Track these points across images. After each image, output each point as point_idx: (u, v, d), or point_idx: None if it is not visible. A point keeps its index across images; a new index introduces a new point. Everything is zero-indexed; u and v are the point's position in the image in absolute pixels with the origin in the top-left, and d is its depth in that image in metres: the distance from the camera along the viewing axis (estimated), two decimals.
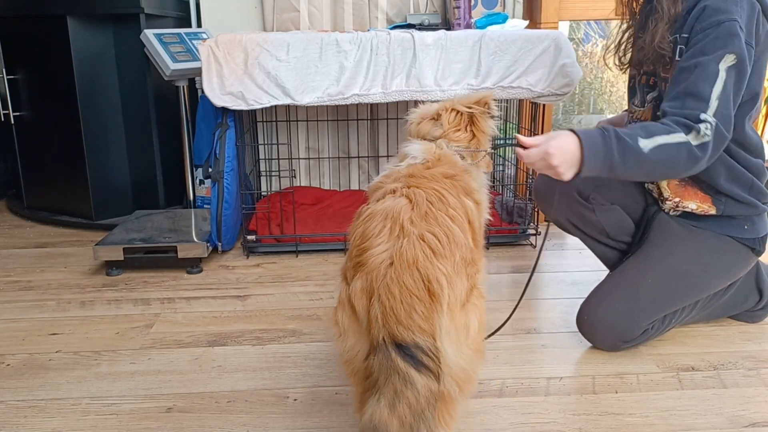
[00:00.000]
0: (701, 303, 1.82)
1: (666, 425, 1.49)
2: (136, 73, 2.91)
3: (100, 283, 2.35)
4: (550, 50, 2.40)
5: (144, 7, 2.77)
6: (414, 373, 1.06)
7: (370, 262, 1.13)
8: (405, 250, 1.11)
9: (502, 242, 2.73)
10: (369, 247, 1.15)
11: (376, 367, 1.09)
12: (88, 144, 2.89)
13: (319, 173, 3.22)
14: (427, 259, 1.11)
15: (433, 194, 1.25)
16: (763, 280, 1.92)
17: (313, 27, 3.05)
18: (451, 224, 1.20)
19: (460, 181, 1.39)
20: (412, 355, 1.07)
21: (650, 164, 1.52)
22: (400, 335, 1.07)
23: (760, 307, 1.94)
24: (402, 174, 1.37)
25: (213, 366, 1.77)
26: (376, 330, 1.09)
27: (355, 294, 1.14)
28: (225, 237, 2.56)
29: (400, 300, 1.08)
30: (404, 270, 1.10)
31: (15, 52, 2.98)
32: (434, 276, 1.10)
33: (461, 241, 1.19)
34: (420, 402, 1.06)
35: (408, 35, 2.40)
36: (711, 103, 1.50)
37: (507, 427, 1.49)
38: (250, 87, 2.35)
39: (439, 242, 1.14)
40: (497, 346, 1.86)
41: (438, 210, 1.21)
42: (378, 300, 1.10)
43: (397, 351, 1.07)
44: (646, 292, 1.74)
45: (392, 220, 1.17)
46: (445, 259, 1.13)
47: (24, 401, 1.61)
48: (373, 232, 1.17)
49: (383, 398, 1.06)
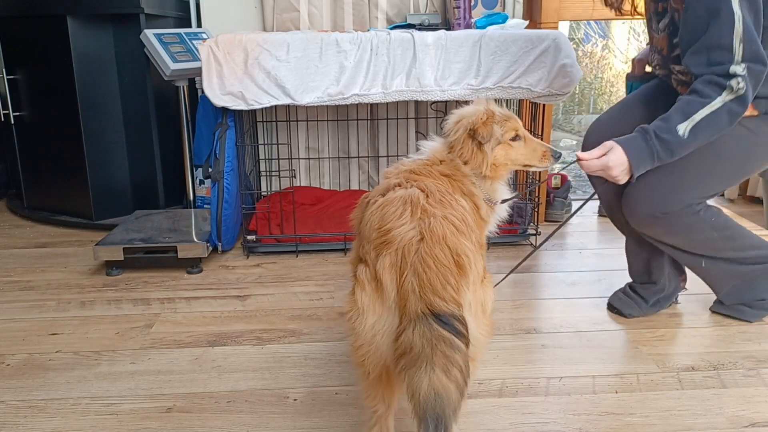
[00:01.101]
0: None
1: (666, 425, 1.49)
2: (136, 73, 2.91)
3: (100, 283, 2.35)
4: (550, 50, 2.40)
5: (144, 7, 2.77)
6: (457, 340, 1.09)
7: (398, 240, 1.16)
8: (434, 227, 1.16)
9: (502, 242, 2.73)
10: (393, 228, 1.18)
11: (417, 339, 1.09)
12: (88, 144, 2.89)
13: (319, 173, 3.22)
14: (454, 236, 1.16)
15: (442, 187, 1.33)
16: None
17: (313, 27, 3.05)
18: (463, 211, 1.27)
19: (457, 181, 1.45)
20: (450, 323, 1.09)
21: (695, 142, 1.62)
22: (438, 306, 1.10)
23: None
24: (403, 170, 1.43)
25: (213, 366, 1.77)
26: (413, 303, 1.11)
27: (384, 269, 1.16)
28: (225, 237, 2.56)
29: (436, 271, 1.11)
30: (435, 244, 1.14)
31: (15, 52, 2.99)
32: (462, 250, 1.15)
33: (473, 226, 1.26)
34: (467, 367, 1.09)
35: (408, 35, 2.40)
36: (735, 49, 1.52)
37: (507, 427, 1.49)
38: (250, 87, 2.35)
39: (461, 222, 1.21)
40: (497, 346, 1.86)
41: (450, 199, 1.29)
42: (413, 273, 1.12)
43: (436, 321, 1.09)
44: (688, 168, 1.74)
45: (412, 204, 1.22)
46: (466, 237, 1.19)
47: (24, 401, 1.61)
48: (394, 215, 1.21)
49: (437, 367, 1.06)
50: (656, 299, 2.02)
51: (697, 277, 1.96)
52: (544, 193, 2.89)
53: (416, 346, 1.09)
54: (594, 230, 2.93)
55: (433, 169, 1.46)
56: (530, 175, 2.73)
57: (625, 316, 2.01)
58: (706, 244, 1.84)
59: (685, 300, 2.13)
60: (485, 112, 1.51)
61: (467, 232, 1.20)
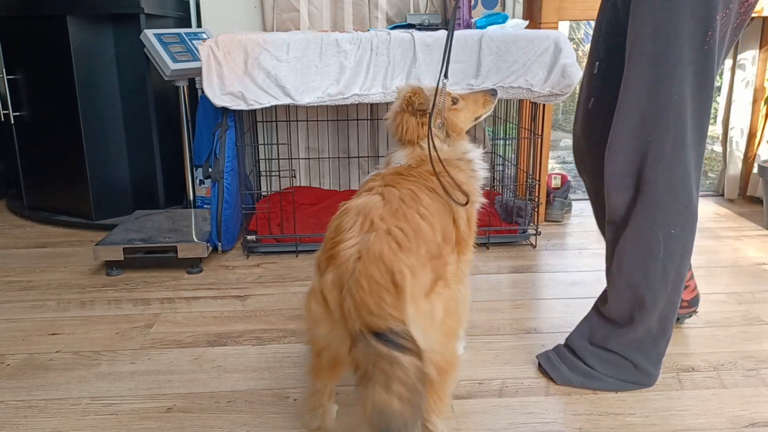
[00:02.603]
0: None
1: (666, 425, 1.49)
2: (136, 73, 2.91)
3: (100, 283, 2.35)
4: (550, 50, 2.40)
5: (144, 7, 2.77)
6: (398, 354, 1.10)
7: (340, 256, 1.19)
8: (372, 245, 1.18)
9: (502, 242, 2.73)
10: (341, 241, 1.21)
11: (360, 357, 1.12)
12: (88, 144, 2.89)
13: (319, 173, 3.22)
14: (392, 252, 1.17)
15: (406, 193, 1.33)
16: None
17: (313, 27, 3.05)
18: (419, 221, 1.26)
19: (444, 176, 1.48)
20: (390, 339, 1.11)
21: None
22: (375, 324, 1.12)
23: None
24: (388, 173, 1.47)
25: (213, 366, 1.77)
26: (351, 322, 1.14)
27: (326, 287, 1.20)
28: (225, 237, 2.56)
29: (369, 291, 1.13)
30: (371, 263, 1.16)
31: (15, 52, 2.99)
32: (398, 268, 1.16)
33: (428, 237, 1.25)
34: (411, 377, 1.10)
35: (408, 35, 2.40)
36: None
37: (507, 427, 1.49)
38: (250, 87, 2.35)
39: (406, 237, 1.21)
40: (497, 346, 1.86)
41: (409, 207, 1.29)
42: (349, 293, 1.15)
43: (376, 339, 1.11)
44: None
45: (363, 215, 1.24)
46: (410, 252, 1.19)
47: (24, 401, 1.61)
48: (346, 226, 1.24)
49: (377, 384, 1.09)
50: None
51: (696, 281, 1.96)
52: (544, 193, 2.89)
53: (360, 365, 1.12)
54: (594, 230, 2.91)
55: (422, 169, 1.49)
56: (530, 174, 2.73)
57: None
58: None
59: None
60: (408, 90, 1.59)
61: (413, 247, 1.20)
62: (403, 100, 1.60)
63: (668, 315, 1.57)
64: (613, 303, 1.60)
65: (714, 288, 2.25)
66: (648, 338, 1.59)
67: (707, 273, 2.39)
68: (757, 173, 3.12)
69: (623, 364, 1.61)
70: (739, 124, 3.27)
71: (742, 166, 3.33)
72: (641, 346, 1.60)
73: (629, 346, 1.60)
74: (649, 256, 1.51)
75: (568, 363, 1.66)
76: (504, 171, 3.06)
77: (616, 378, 1.62)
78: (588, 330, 1.67)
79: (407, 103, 1.59)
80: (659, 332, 1.58)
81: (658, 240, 1.49)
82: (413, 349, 1.12)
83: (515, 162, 2.93)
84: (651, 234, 1.50)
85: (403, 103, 1.60)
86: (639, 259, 1.53)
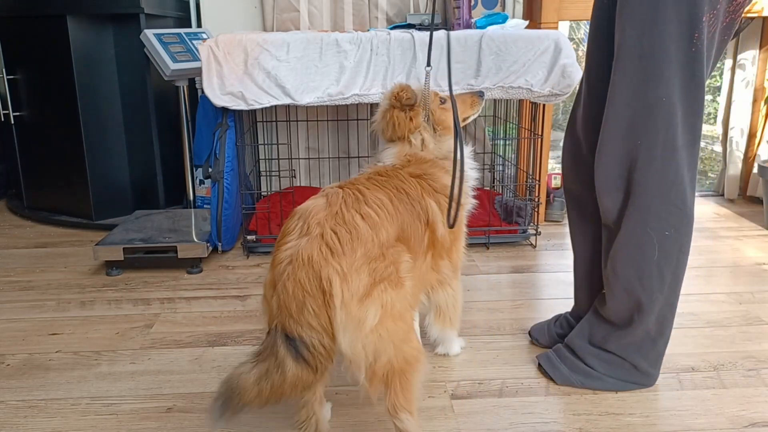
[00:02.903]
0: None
1: (666, 425, 1.49)
2: (136, 73, 2.91)
3: (100, 283, 2.35)
4: (550, 50, 2.40)
5: (144, 7, 2.77)
6: (289, 362, 1.18)
7: (277, 258, 1.25)
8: (302, 250, 1.21)
9: (502, 242, 2.73)
10: (282, 244, 1.26)
11: (264, 344, 1.22)
12: (88, 144, 2.89)
13: (319, 173, 3.22)
14: (322, 257, 1.19)
15: (350, 194, 1.34)
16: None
17: (313, 27, 3.05)
18: (359, 222, 1.27)
19: (428, 179, 1.52)
20: (295, 347, 1.18)
21: None
22: (290, 327, 1.19)
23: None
24: (364, 173, 1.50)
25: (213, 366, 1.77)
26: (274, 318, 1.23)
27: (265, 285, 1.29)
28: (225, 237, 2.56)
29: (293, 296, 1.19)
30: (300, 268, 1.19)
31: (15, 52, 2.99)
32: (326, 275, 1.18)
33: (367, 238, 1.25)
34: (283, 386, 1.18)
35: (408, 35, 2.40)
36: None
37: (507, 427, 1.49)
38: (250, 87, 2.35)
39: (339, 241, 1.22)
40: (497, 346, 1.86)
41: (350, 209, 1.30)
42: (276, 293, 1.22)
43: (283, 340, 1.19)
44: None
45: (303, 219, 1.28)
46: (342, 256, 1.20)
47: (24, 401, 1.61)
48: (289, 229, 1.28)
49: (256, 370, 1.18)
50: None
51: (696, 281, 1.96)
52: (544, 193, 2.89)
53: (263, 350, 1.21)
54: None
55: (405, 170, 1.52)
56: (530, 174, 2.73)
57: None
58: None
59: (684, 300, 2.13)
60: (396, 87, 1.61)
61: (347, 251, 1.21)
62: (391, 96, 1.61)
63: (666, 316, 1.57)
64: (611, 305, 1.60)
65: (714, 288, 2.25)
66: (647, 340, 1.59)
67: (707, 273, 2.39)
68: (757, 173, 3.12)
69: (623, 364, 1.61)
70: (739, 124, 3.27)
71: (742, 166, 3.33)
72: (640, 348, 1.60)
73: (628, 347, 1.60)
74: (643, 258, 1.51)
75: (568, 363, 1.66)
76: (504, 171, 3.06)
77: (616, 378, 1.62)
78: (588, 330, 1.67)
79: (396, 98, 1.59)
80: (657, 334, 1.58)
81: (653, 242, 1.49)
82: (311, 363, 1.19)
83: (515, 162, 2.93)
84: (645, 236, 1.49)
85: (392, 99, 1.60)
86: (634, 262, 1.52)
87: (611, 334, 1.62)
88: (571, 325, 1.80)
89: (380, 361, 1.23)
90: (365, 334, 1.20)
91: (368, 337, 1.21)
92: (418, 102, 1.61)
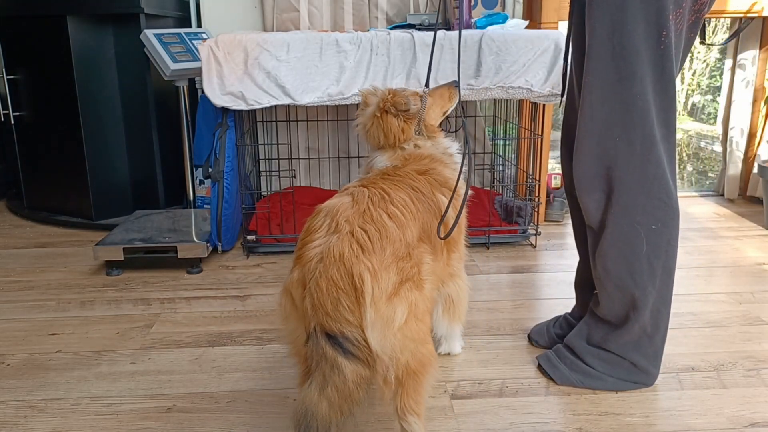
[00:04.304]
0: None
1: (666, 425, 1.49)
2: (136, 73, 2.91)
3: (100, 283, 2.35)
4: (550, 50, 2.40)
5: (144, 7, 2.77)
6: (342, 360, 1.15)
7: (305, 256, 1.23)
8: (333, 247, 1.20)
9: (502, 242, 2.73)
10: (309, 242, 1.25)
11: (309, 354, 1.18)
12: (88, 144, 2.89)
13: (319, 173, 3.22)
14: (353, 254, 1.19)
15: (376, 193, 1.33)
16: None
17: (313, 27, 3.05)
18: (387, 221, 1.27)
19: (432, 174, 1.52)
20: (340, 344, 1.16)
21: None
22: (329, 326, 1.16)
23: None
24: (373, 175, 1.50)
25: (213, 366, 1.77)
26: (308, 320, 1.19)
27: (292, 284, 1.24)
28: (225, 237, 2.56)
29: (327, 293, 1.17)
30: (332, 265, 1.18)
31: (15, 52, 2.99)
32: (358, 271, 1.17)
33: (395, 238, 1.25)
34: (348, 385, 1.15)
35: (408, 35, 2.40)
36: None
37: (507, 427, 1.49)
38: (250, 87, 2.35)
39: (369, 239, 1.22)
40: (497, 346, 1.86)
41: (377, 207, 1.29)
42: (309, 293, 1.19)
43: (326, 340, 1.16)
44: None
45: (331, 216, 1.27)
46: (372, 254, 1.20)
47: (24, 401, 1.61)
48: (315, 227, 1.27)
49: (315, 382, 1.15)
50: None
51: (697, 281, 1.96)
52: (544, 193, 2.89)
53: (310, 360, 1.17)
54: None
55: (408, 168, 1.52)
56: (530, 174, 2.73)
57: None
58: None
59: (684, 300, 2.13)
60: (386, 92, 1.62)
61: (377, 249, 1.21)
62: (383, 102, 1.60)
63: (660, 311, 1.57)
64: (605, 305, 1.60)
65: (714, 288, 2.25)
66: (643, 336, 1.59)
67: (707, 273, 2.39)
68: (757, 173, 3.12)
69: (622, 363, 1.61)
70: (739, 124, 3.27)
71: (742, 166, 3.33)
72: (638, 345, 1.60)
73: (626, 345, 1.60)
74: (633, 253, 1.51)
75: (568, 362, 1.66)
76: (504, 171, 3.06)
77: (616, 377, 1.62)
78: (586, 331, 1.67)
79: (391, 104, 1.59)
80: (653, 329, 1.58)
81: (640, 236, 1.50)
82: (360, 357, 1.16)
83: (515, 162, 2.93)
84: (632, 231, 1.50)
85: (384, 106, 1.59)
86: (623, 259, 1.53)
87: (610, 334, 1.62)
88: (571, 326, 1.80)
89: (400, 361, 1.22)
90: (393, 332, 1.20)
91: (396, 336, 1.20)
92: (412, 109, 1.62)
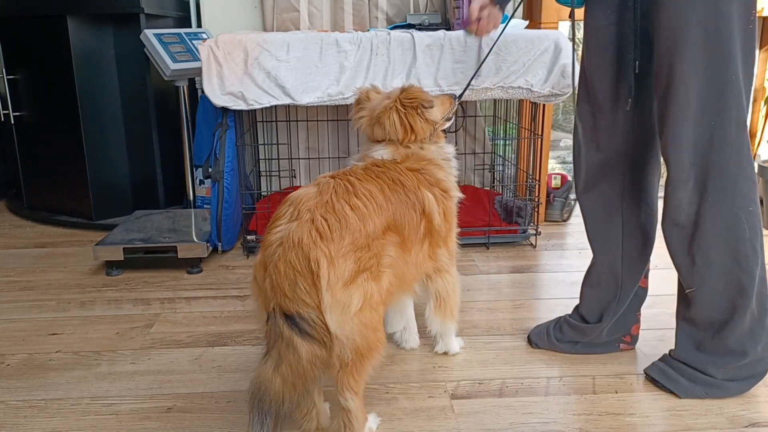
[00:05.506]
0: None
1: (666, 425, 1.49)
2: (136, 73, 2.91)
3: (100, 283, 2.35)
4: (550, 50, 2.40)
5: (144, 7, 2.77)
6: (297, 339, 1.21)
7: (268, 240, 1.30)
8: (292, 232, 1.26)
9: (502, 242, 2.73)
10: (273, 227, 1.31)
11: (268, 332, 1.26)
12: (88, 144, 2.89)
13: (319, 173, 3.18)
14: (311, 240, 1.24)
15: (341, 184, 1.38)
16: None
17: (313, 27, 3.04)
18: (348, 212, 1.31)
19: (424, 173, 1.56)
20: (297, 324, 1.22)
21: None
22: (286, 306, 1.23)
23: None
24: (361, 164, 1.55)
25: (213, 366, 1.77)
26: (268, 301, 1.27)
27: (256, 266, 1.33)
28: (225, 237, 2.56)
29: (285, 275, 1.23)
30: (290, 249, 1.24)
31: (15, 52, 2.99)
32: (315, 256, 1.23)
33: (355, 228, 1.31)
34: (302, 363, 1.21)
35: (408, 35, 2.40)
36: None
37: (507, 427, 1.49)
38: (250, 87, 2.35)
39: (329, 227, 1.27)
40: (497, 346, 1.86)
41: (340, 199, 1.34)
42: (268, 274, 1.26)
43: (284, 320, 1.23)
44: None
45: (294, 205, 1.32)
46: (330, 242, 1.26)
47: (24, 401, 1.61)
48: (280, 214, 1.33)
49: (270, 359, 1.22)
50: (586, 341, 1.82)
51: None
52: (544, 193, 2.89)
53: (268, 338, 1.25)
54: None
55: (404, 165, 1.55)
56: (530, 174, 2.73)
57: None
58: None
59: None
60: (407, 89, 1.63)
61: (336, 237, 1.26)
62: (410, 98, 1.60)
63: (762, 292, 1.54)
64: (707, 301, 1.55)
65: None
66: (754, 322, 1.54)
67: None
68: (757, 173, 3.12)
69: (740, 359, 1.56)
70: None
71: None
72: (753, 334, 1.55)
73: (743, 338, 1.55)
74: (737, 239, 1.49)
75: (686, 374, 1.61)
76: (504, 171, 3.06)
77: (738, 380, 1.58)
78: (690, 339, 1.61)
79: (420, 100, 1.60)
80: (761, 312, 1.54)
81: (741, 221, 1.49)
82: (316, 337, 1.23)
83: (515, 162, 2.93)
84: (732, 217, 1.48)
85: (411, 101, 1.60)
86: (729, 247, 1.50)
87: (719, 332, 1.56)
88: (572, 327, 1.79)
89: (355, 342, 1.28)
90: (350, 317, 1.26)
91: (353, 320, 1.27)
92: (433, 106, 1.65)
